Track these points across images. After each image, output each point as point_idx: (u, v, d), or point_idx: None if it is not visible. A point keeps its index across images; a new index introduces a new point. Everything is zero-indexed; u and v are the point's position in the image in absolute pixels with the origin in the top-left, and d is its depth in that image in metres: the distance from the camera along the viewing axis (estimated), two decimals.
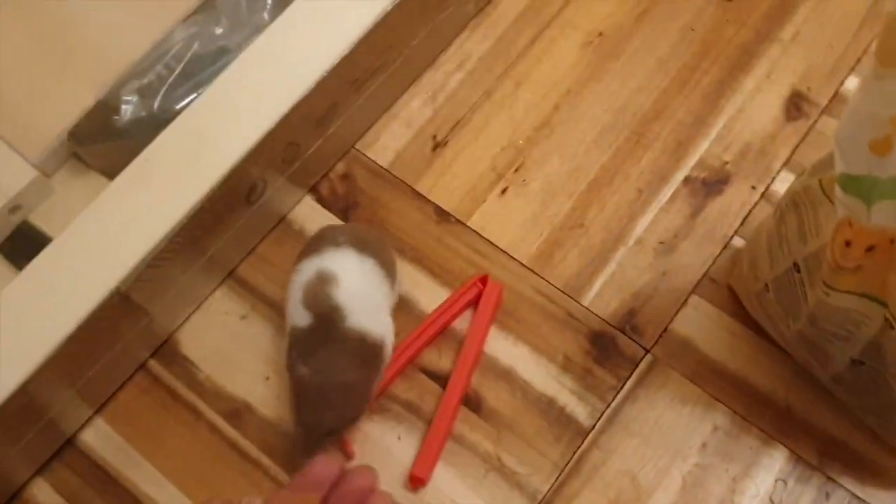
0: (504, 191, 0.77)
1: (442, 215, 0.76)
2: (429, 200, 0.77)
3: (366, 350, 0.60)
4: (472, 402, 0.69)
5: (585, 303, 0.72)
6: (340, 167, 0.79)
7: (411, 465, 0.67)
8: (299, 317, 0.61)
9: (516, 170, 0.78)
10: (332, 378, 0.58)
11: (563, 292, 0.73)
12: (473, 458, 0.67)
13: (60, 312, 0.63)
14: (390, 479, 0.67)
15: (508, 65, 0.82)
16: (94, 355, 0.66)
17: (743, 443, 0.66)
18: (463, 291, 0.71)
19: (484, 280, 0.71)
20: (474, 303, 0.72)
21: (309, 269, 0.62)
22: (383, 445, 0.68)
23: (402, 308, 0.72)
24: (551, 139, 0.79)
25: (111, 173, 0.69)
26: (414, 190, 0.77)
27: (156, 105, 0.72)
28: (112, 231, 0.65)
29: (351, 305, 0.60)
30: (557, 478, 0.66)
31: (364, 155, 0.79)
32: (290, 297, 0.63)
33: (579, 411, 0.68)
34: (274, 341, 0.71)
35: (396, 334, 0.70)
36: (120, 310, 0.65)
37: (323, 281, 0.61)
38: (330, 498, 0.51)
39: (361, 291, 0.63)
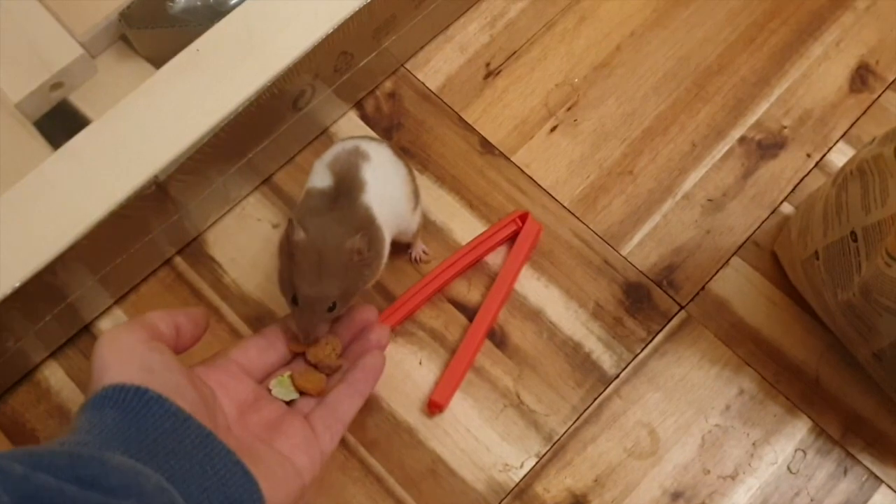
0: (554, 129, 0.76)
1: (486, 147, 0.76)
2: (474, 130, 0.76)
3: (370, 232, 0.59)
4: (497, 338, 0.69)
5: (624, 252, 0.72)
6: (388, 85, 0.78)
7: (430, 391, 0.67)
8: (319, 178, 0.60)
9: (569, 108, 0.77)
10: (331, 242, 0.54)
11: (603, 239, 0.72)
12: (492, 391, 0.68)
13: (95, 195, 0.63)
14: (407, 402, 0.67)
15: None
16: (123, 244, 0.67)
17: (767, 409, 0.67)
18: (500, 226, 0.71)
19: (524, 217, 0.71)
20: (510, 239, 0.72)
21: (346, 143, 0.62)
22: (404, 368, 0.69)
23: (436, 236, 0.72)
24: (609, 81, 0.78)
25: (158, 61, 0.68)
26: (460, 118, 0.77)
27: None
28: (155, 119, 0.65)
29: (373, 185, 0.59)
30: (575, 421, 0.67)
31: (413, 75, 0.78)
32: (317, 161, 0.62)
33: (605, 359, 0.69)
34: None
35: (428, 261, 0.71)
36: (154, 200, 0.65)
37: (357, 153, 0.60)
38: (337, 327, 0.58)
39: (386, 180, 0.62)
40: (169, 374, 0.46)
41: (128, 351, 0.46)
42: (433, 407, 0.66)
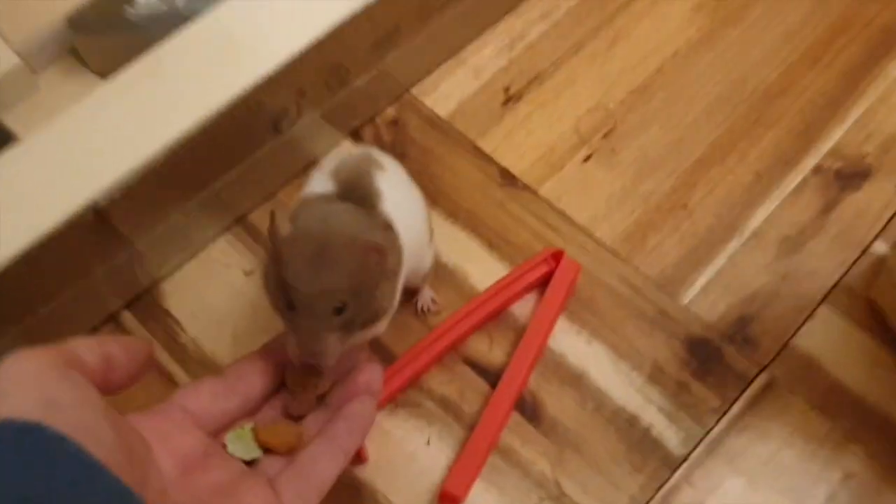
0: (588, 158, 0.64)
1: (508, 178, 0.63)
2: (493, 160, 0.64)
3: (391, 239, 0.46)
4: (528, 409, 0.54)
5: (684, 301, 0.58)
6: (390, 112, 0.66)
7: (442, 480, 0.52)
8: (319, 184, 0.48)
9: (605, 136, 0.65)
10: (339, 230, 0.43)
11: (657, 285, 0.58)
12: (524, 479, 0.52)
13: (16, 224, 0.50)
14: (412, 493, 0.52)
15: (603, 20, 0.70)
16: (52, 287, 0.53)
17: (885, 499, 0.51)
18: (529, 268, 0.57)
19: (557, 256, 0.57)
20: (541, 284, 0.58)
21: (352, 151, 0.50)
22: (407, 450, 0.53)
23: (447, 282, 0.59)
24: (650, 105, 0.66)
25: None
26: (476, 147, 0.64)
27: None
28: (99, 135, 0.53)
29: (390, 197, 0.47)
30: None
31: (420, 102, 0.67)
32: (316, 170, 0.50)
33: (669, 436, 0.53)
34: None
35: (438, 312, 0.57)
36: (94, 233, 0.52)
37: (369, 161, 0.49)
38: (332, 393, 0.46)
39: (404, 195, 0.50)
40: (81, 412, 0.33)
41: (32, 378, 0.33)
42: (446, 501, 0.51)
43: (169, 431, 0.41)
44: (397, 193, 0.49)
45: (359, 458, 0.53)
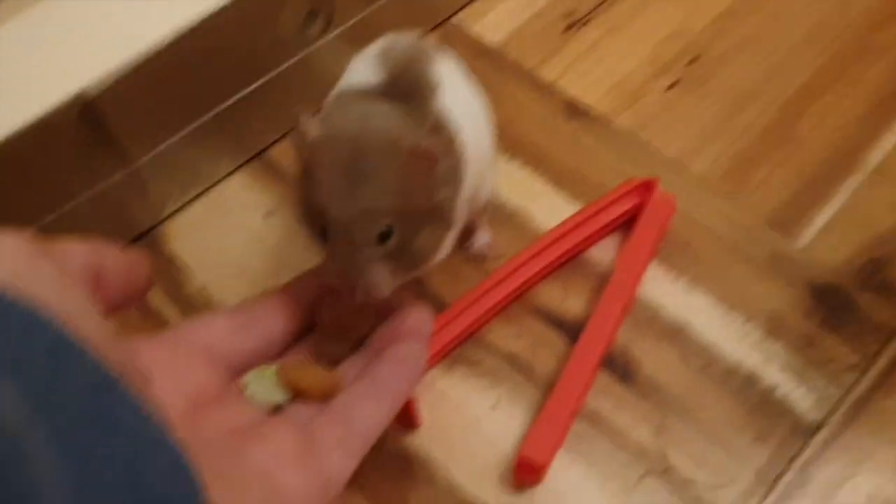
0: (672, 85, 0.54)
1: (575, 110, 0.53)
2: (556, 91, 0.54)
3: (446, 140, 0.36)
4: (619, 367, 0.44)
5: (802, 243, 0.48)
6: (430, 39, 0.57)
7: (513, 449, 0.41)
8: (360, 73, 0.38)
9: (690, 63, 0.55)
10: (377, 135, 0.34)
11: (767, 226, 0.48)
12: (619, 450, 0.41)
13: None
14: (476, 467, 0.41)
15: None
16: (30, 211, 0.43)
17: None
18: (610, 201, 0.47)
19: (648, 187, 0.47)
20: (627, 220, 0.48)
21: (399, 37, 0.40)
22: (469, 414, 0.43)
23: (507, 226, 0.49)
24: (740, 31, 0.57)
25: None
26: (534, 77, 0.55)
27: None
28: (92, 20, 0.43)
29: (449, 90, 0.38)
30: (765, 497, 0.40)
31: (465, 30, 0.58)
32: (356, 57, 0.41)
33: (798, 398, 0.43)
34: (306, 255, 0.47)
35: (497, 258, 0.47)
36: (83, 137, 0.42)
37: (420, 50, 0.39)
38: (372, 337, 0.37)
39: (464, 92, 0.41)
40: (60, 289, 0.23)
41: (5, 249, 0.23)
42: (524, 470, 0.40)
43: (173, 363, 0.32)
44: (457, 87, 0.40)
45: (410, 421, 0.42)
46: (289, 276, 0.38)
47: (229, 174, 0.51)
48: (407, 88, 0.37)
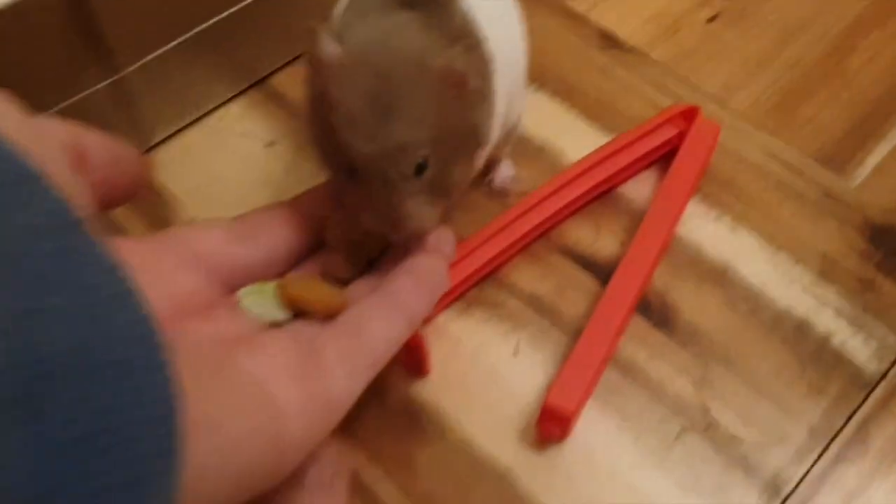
0: (713, 18, 0.50)
1: (610, 41, 0.49)
2: (589, 21, 0.50)
3: (476, 50, 0.32)
4: (655, 312, 0.40)
5: (855, 182, 0.44)
6: None
7: (537, 400, 0.37)
8: None
9: None
10: (403, 55, 0.30)
11: (818, 163, 0.44)
12: (655, 402, 0.37)
13: None
14: (494, 422, 0.37)
15: None
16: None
17: None
18: (646, 131, 0.43)
19: (690, 115, 0.43)
20: (665, 153, 0.43)
21: None
22: (486, 361, 0.38)
23: (535, 161, 0.45)
24: None
25: None
26: (565, 6, 0.51)
27: None
28: None
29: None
30: (819, 457, 0.36)
31: None
32: None
33: (855, 347, 0.38)
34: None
35: (522, 194, 0.42)
36: (62, 28, 0.38)
37: None
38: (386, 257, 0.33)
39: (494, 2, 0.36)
40: (36, 139, 0.20)
41: None
42: (549, 422, 0.35)
43: (159, 265, 0.29)
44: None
45: (418, 367, 0.38)
46: None
47: (228, 101, 0.47)
48: None
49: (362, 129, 0.29)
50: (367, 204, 0.31)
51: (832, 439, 0.36)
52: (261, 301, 0.29)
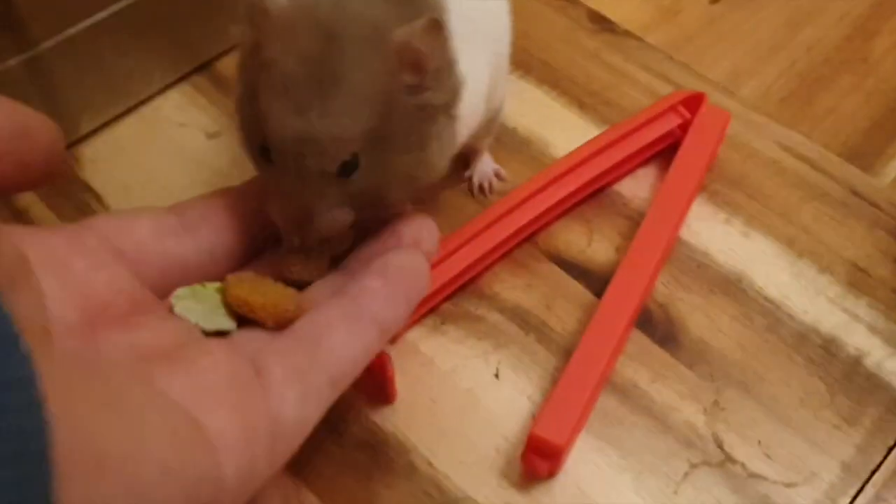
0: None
1: (601, 22, 0.44)
2: (578, 1, 0.45)
3: (443, 28, 0.26)
4: (659, 328, 0.34)
5: (886, 179, 0.39)
6: None
7: (522, 430, 0.31)
8: None
9: None
10: (356, 19, 0.25)
11: (841, 157, 0.39)
12: (659, 434, 0.31)
13: None
14: (469, 454, 0.31)
15: None
16: None
17: None
18: (645, 120, 0.38)
19: (695, 102, 0.38)
20: (666, 145, 0.38)
21: None
22: (461, 386, 0.33)
23: (519, 154, 0.39)
24: None
25: None
26: None
27: None
28: None
29: None
30: (853, 500, 0.30)
31: None
32: None
33: (892, 368, 0.33)
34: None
35: (504, 192, 0.37)
36: None
37: None
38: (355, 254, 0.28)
39: None
40: None
41: None
42: (536, 457, 0.30)
43: (69, 261, 0.24)
44: None
45: (382, 393, 0.32)
46: None
47: (166, 87, 0.42)
48: None
49: (292, 98, 0.24)
50: (275, 192, 0.26)
51: (868, 478, 0.31)
52: (197, 306, 0.24)
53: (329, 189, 0.25)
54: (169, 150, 0.40)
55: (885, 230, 0.37)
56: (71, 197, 0.38)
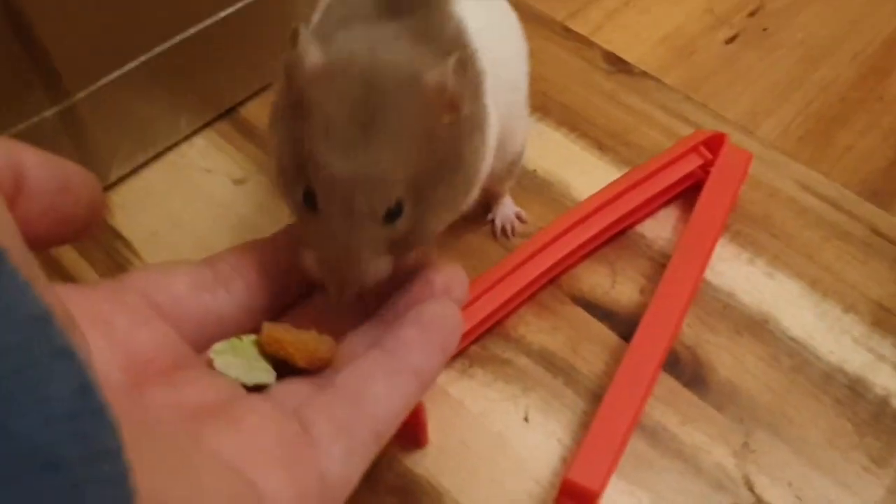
0: (732, 39, 0.46)
1: (617, 64, 0.45)
2: (594, 43, 0.46)
3: (468, 63, 0.28)
4: (686, 370, 0.34)
5: None
6: None
7: (553, 474, 0.31)
8: None
9: (752, 14, 0.47)
10: (391, 69, 0.25)
11: (860, 196, 0.39)
12: (691, 477, 0.32)
13: None
14: (500, 495, 0.31)
15: None
16: None
17: None
18: (667, 162, 0.38)
19: (716, 142, 0.38)
20: (689, 186, 0.39)
21: None
22: (492, 429, 0.33)
23: (540, 197, 0.40)
24: None
25: None
26: (567, 28, 0.47)
27: None
28: None
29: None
30: None
31: None
32: None
33: None
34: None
35: (528, 235, 0.38)
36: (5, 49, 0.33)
37: None
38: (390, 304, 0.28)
39: (491, 10, 0.33)
40: None
41: None
42: (570, 501, 0.30)
43: (112, 319, 0.24)
44: (479, 3, 0.31)
45: (414, 438, 0.32)
46: None
47: (192, 134, 0.42)
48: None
49: (340, 141, 0.24)
50: (317, 240, 0.26)
51: None
52: (236, 360, 0.24)
53: (376, 234, 0.25)
54: (196, 196, 0.40)
55: None
56: (101, 243, 0.39)
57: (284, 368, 0.25)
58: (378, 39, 0.27)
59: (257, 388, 0.25)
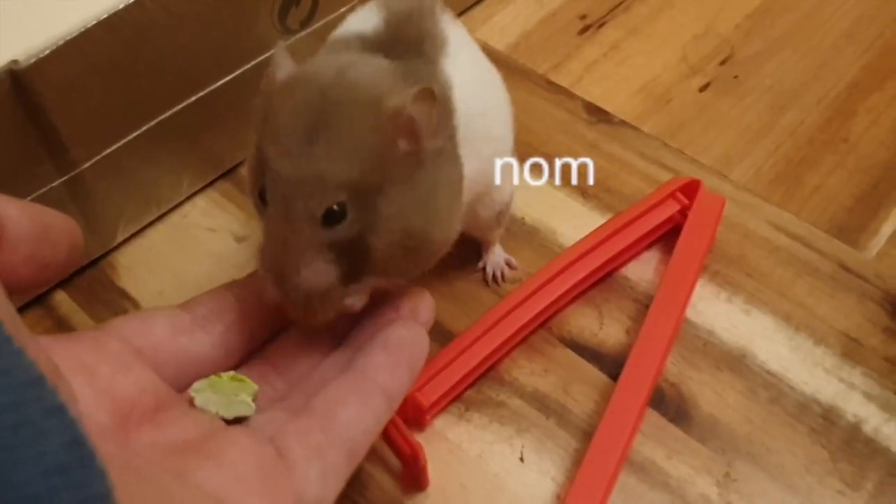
0: (705, 87, 0.50)
1: (598, 114, 0.48)
2: (575, 95, 0.49)
3: (443, 102, 0.30)
4: (671, 406, 0.38)
5: (871, 253, 0.42)
6: None
7: None
8: (359, 19, 0.34)
9: (723, 62, 0.51)
10: (352, 88, 0.28)
11: (829, 234, 0.43)
12: None
13: None
14: None
15: None
16: None
17: None
18: (646, 208, 0.42)
19: (691, 188, 0.42)
20: (667, 230, 0.42)
21: None
22: (489, 471, 0.36)
23: (528, 243, 0.43)
24: (774, 30, 0.53)
25: None
26: (550, 81, 0.50)
27: None
28: None
29: (457, 52, 0.33)
30: None
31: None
32: (355, 10, 0.36)
33: (890, 433, 0.37)
34: None
35: (517, 281, 0.41)
36: (11, 122, 0.36)
37: (432, 3, 0.34)
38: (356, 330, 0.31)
39: (478, 65, 0.36)
40: None
41: None
42: None
43: (95, 366, 0.26)
44: (468, 52, 0.35)
45: (415, 481, 0.35)
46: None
47: (193, 194, 0.45)
48: (407, 42, 0.32)
49: (284, 144, 0.27)
50: (264, 237, 0.29)
51: None
52: (216, 396, 0.28)
53: (313, 235, 0.27)
54: (200, 255, 0.43)
55: (873, 301, 0.40)
56: (110, 305, 0.42)
57: None
58: (355, 62, 0.30)
59: (237, 421, 0.28)
